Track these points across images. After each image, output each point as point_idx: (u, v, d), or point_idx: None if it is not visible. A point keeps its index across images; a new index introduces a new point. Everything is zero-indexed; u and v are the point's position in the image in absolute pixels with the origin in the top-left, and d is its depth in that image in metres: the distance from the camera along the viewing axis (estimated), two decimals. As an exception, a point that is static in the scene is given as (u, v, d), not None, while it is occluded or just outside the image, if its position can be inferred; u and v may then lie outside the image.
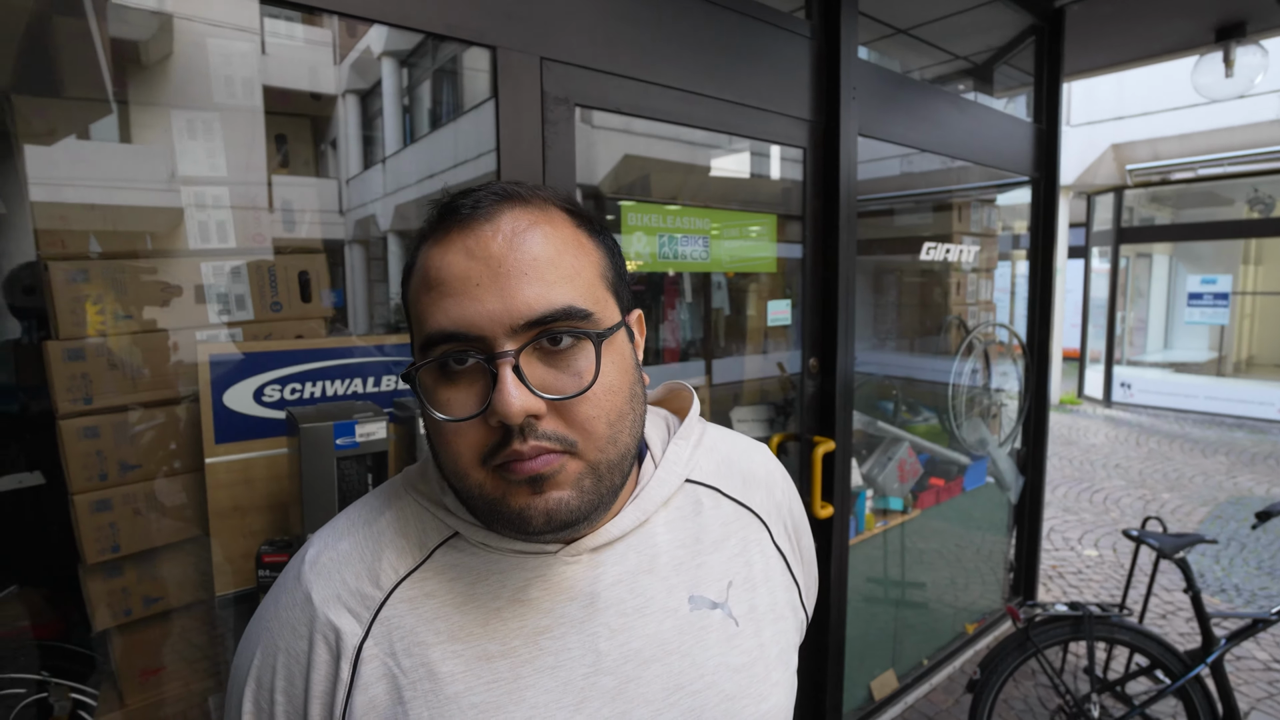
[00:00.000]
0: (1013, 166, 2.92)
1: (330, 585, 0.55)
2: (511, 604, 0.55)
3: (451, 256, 0.49)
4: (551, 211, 0.53)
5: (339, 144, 9.87)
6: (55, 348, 1.40)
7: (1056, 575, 3.85)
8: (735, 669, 0.59)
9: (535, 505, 0.49)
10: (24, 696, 1.72)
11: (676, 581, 0.59)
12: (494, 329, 0.48)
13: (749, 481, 0.67)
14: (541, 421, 0.49)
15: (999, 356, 3.32)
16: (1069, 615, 2.02)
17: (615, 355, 0.53)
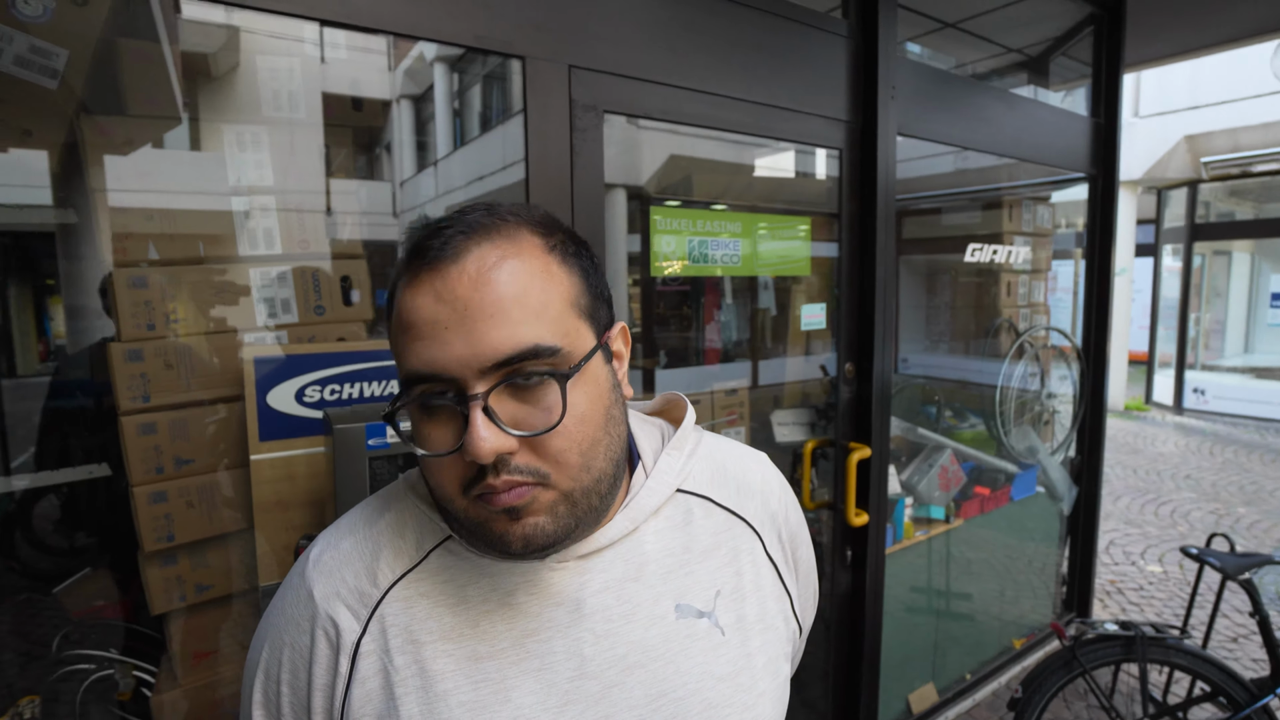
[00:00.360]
0: (1067, 163, 2.80)
1: (331, 583, 0.58)
2: (500, 607, 0.57)
3: (420, 299, 0.50)
4: (521, 241, 0.53)
5: (393, 148, 10.20)
6: (118, 348, 1.50)
7: (1115, 591, 3.68)
8: (720, 678, 0.59)
9: (513, 531, 0.52)
10: (92, 672, 1.84)
11: (664, 590, 0.60)
12: (463, 371, 0.49)
13: (743, 490, 0.68)
14: (515, 456, 0.50)
15: (1053, 360, 3.19)
16: (1120, 635, 1.93)
17: (587, 385, 0.53)
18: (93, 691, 1.83)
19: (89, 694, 1.79)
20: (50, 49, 1.49)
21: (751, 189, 3.94)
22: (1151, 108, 8.26)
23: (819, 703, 2.22)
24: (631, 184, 5.02)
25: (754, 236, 1.93)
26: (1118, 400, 8.68)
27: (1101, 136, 2.93)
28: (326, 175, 3.05)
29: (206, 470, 1.58)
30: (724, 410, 3.08)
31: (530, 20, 1.37)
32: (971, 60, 3.62)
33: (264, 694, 0.59)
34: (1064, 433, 3.10)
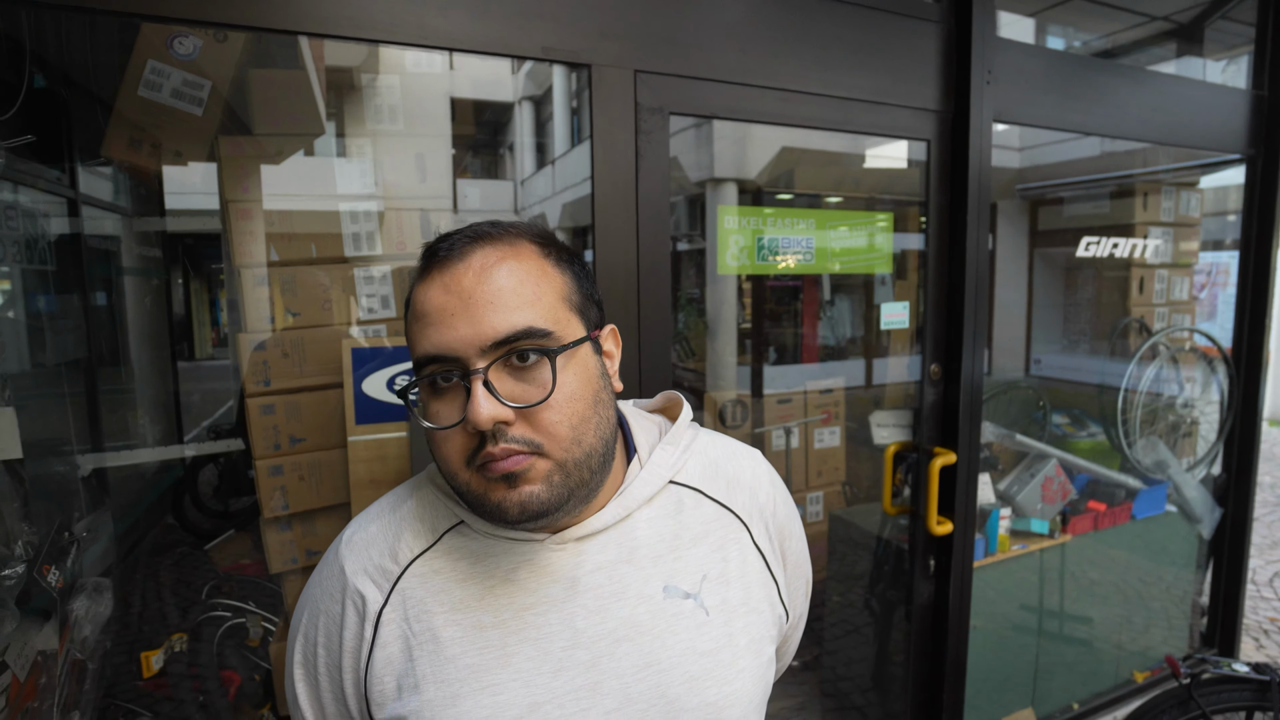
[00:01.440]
0: (1215, 144, 2.48)
1: (359, 560, 0.67)
2: (503, 583, 0.64)
3: (432, 292, 0.59)
4: (520, 246, 0.61)
5: (515, 147, 10.63)
6: (244, 339, 1.72)
7: (1276, 630, 3.22)
8: (702, 653, 0.64)
9: (510, 498, 0.58)
10: (228, 619, 2.13)
11: (653, 572, 0.65)
12: (467, 350, 0.56)
13: (733, 485, 0.73)
14: (511, 428, 0.57)
15: (1197, 364, 2.84)
16: (1251, 679, 1.71)
17: (577, 367, 0.60)
18: (229, 636, 2.12)
19: (225, 638, 2.08)
20: (198, 81, 1.73)
21: (867, 179, 3.80)
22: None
23: (901, 716, 2.14)
24: (743, 177, 4.99)
25: (829, 232, 1.88)
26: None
27: (1264, 111, 2.56)
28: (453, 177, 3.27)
29: (315, 448, 1.78)
30: (817, 409, 3.02)
31: (596, 29, 1.42)
32: (1111, 33, 3.28)
33: (303, 655, 0.69)
34: (1206, 447, 2.76)
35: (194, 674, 2.03)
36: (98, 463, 2.12)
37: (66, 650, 1.36)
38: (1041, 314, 3.69)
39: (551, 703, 0.60)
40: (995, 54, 1.86)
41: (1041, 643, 2.40)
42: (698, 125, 4.93)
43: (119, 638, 2.25)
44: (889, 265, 2.00)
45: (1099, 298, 3.28)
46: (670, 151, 1.56)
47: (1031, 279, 3.85)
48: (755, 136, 4.62)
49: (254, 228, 1.75)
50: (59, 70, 2.14)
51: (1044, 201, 3.81)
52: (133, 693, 1.98)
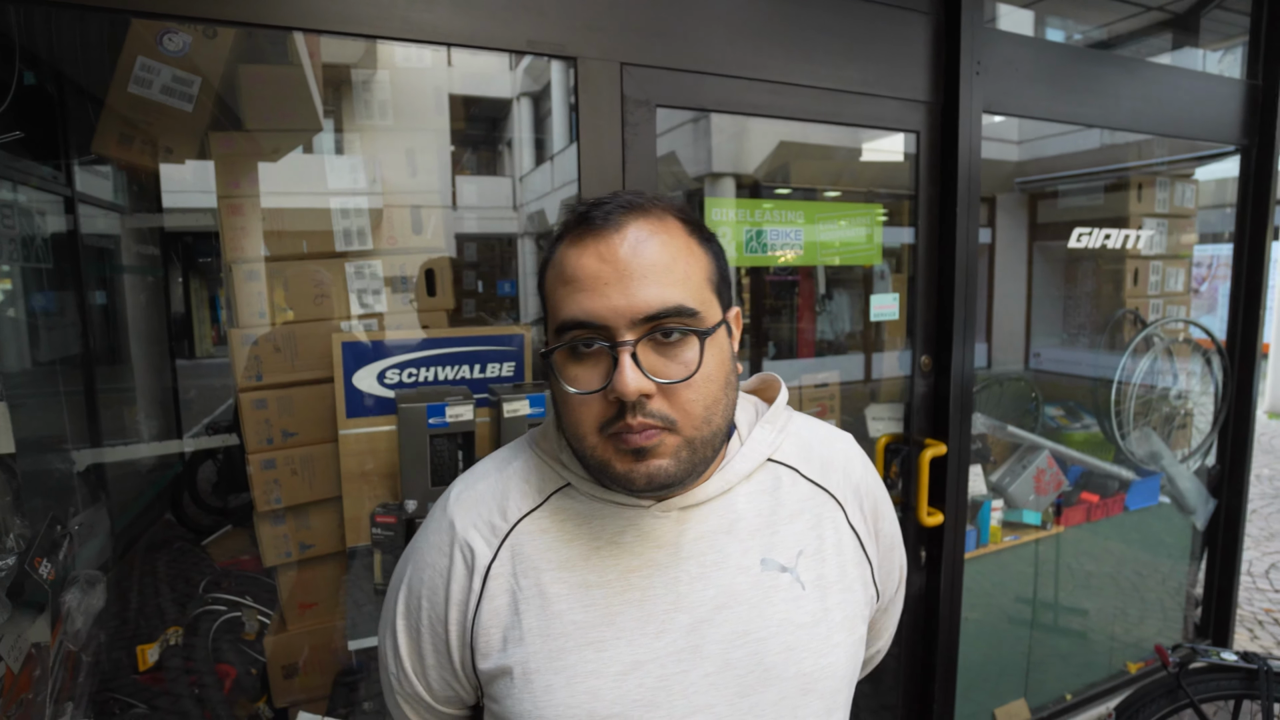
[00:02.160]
0: (1208, 134, 2.47)
1: (469, 516, 0.69)
2: (609, 545, 0.66)
3: (586, 259, 0.59)
4: (669, 221, 0.62)
5: (513, 144, 10.57)
6: (235, 334, 1.73)
7: (1271, 621, 3.23)
8: (799, 625, 0.66)
9: (638, 470, 0.60)
10: (224, 613, 2.14)
11: (752, 545, 0.67)
12: (617, 321, 0.58)
13: (827, 465, 0.74)
14: (650, 401, 0.59)
15: (1191, 356, 2.84)
16: (1240, 667, 1.71)
17: (715, 349, 0.62)
18: (225, 630, 2.13)
19: (220, 631, 2.09)
20: (188, 77, 1.74)
21: (865, 173, 3.79)
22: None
23: (896, 705, 2.15)
24: (741, 172, 4.98)
25: (817, 225, 1.88)
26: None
27: (1258, 101, 2.55)
28: (452, 174, 3.27)
29: (307, 442, 1.79)
30: (812, 403, 3.02)
31: (582, 21, 1.43)
32: (1109, 23, 3.27)
33: (405, 607, 0.70)
34: (1201, 438, 2.76)
35: (190, 668, 2.04)
36: (94, 458, 2.13)
37: (59, 642, 1.38)
38: (1041, 307, 3.68)
39: (653, 662, 0.63)
40: (984, 45, 1.86)
41: (1034, 634, 2.41)
42: (695, 120, 4.92)
43: (117, 632, 2.26)
44: (879, 258, 2.00)
45: (1098, 290, 3.27)
46: (669, 146, 1.56)
47: (1031, 272, 3.84)
48: (753, 131, 4.61)
49: (245, 223, 1.76)
50: (50, 67, 2.15)
51: (1043, 195, 3.80)
52: (129, 686, 1.99)
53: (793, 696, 0.65)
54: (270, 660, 1.87)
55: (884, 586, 0.79)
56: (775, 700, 0.64)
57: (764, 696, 0.64)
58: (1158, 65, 2.32)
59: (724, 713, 0.63)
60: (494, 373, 1.77)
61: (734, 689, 0.63)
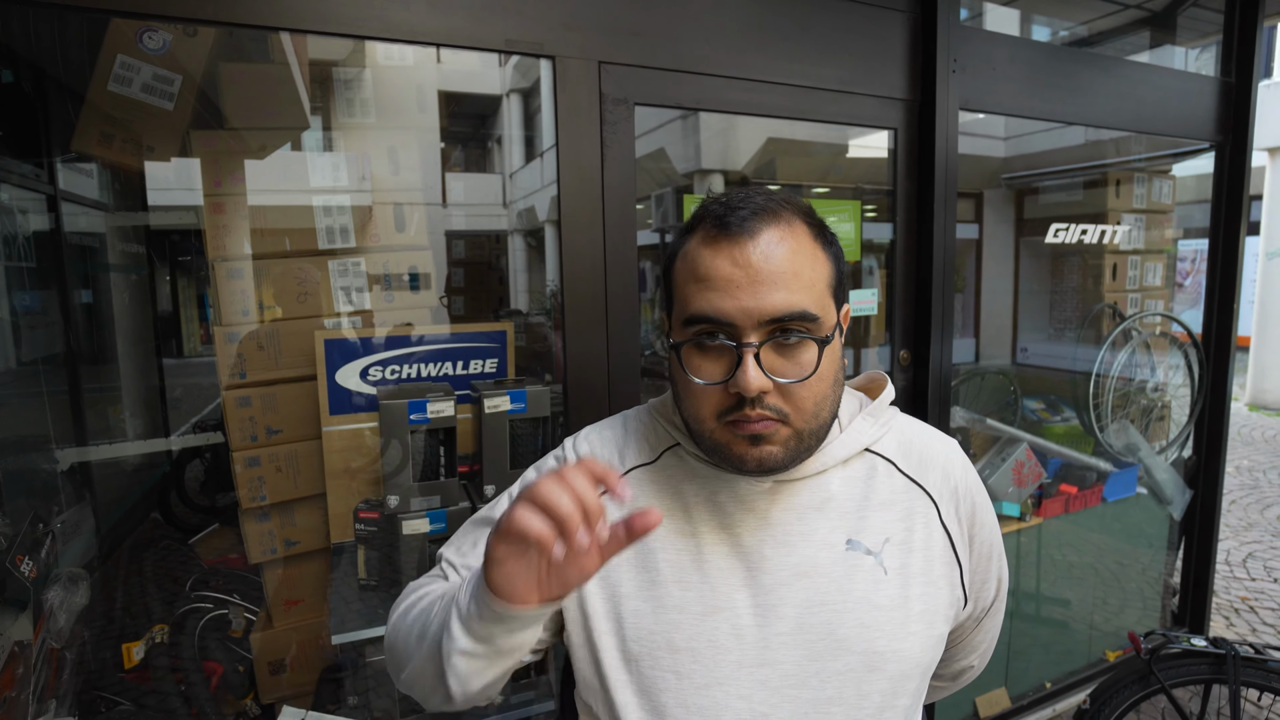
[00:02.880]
0: (1184, 131, 2.51)
1: (591, 449, 0.79)
2: (706, 502, 0.72)
3: (720, 261, 0.63)
4: (797, 226, 0.66)
5: (503, 140, 10.52)
6: (219, 331, 1.74)
7: (1246, 609, 3.28)
8: (877, 606, 0.69)
9: (752, 454, 0.65)
10: (210, 611, 2.15)
11: (840, 524, 0.71)
12: (745, 321, 0.62)
13: (925, 463, 0.77)
14: (767, 397, 0.63)
15: (1169, 350, 2.89)
16: (1209, 652, 1.75)
17: (830, 351, 0.66)
18: (212, 628, 2.14)
19: (207, 629, 2.09)
20: (169, 75, 1.74)
21: (852, 169, 3.81)
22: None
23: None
24: (730, 168, 4.99)
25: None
26: (1277, 396, 7.60)
27: (1232, 98, 2.59)
28: (442, 171, 3.26)
29: (292, 439, 1.80)
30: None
31: (559, 20, 1.44)
32: (1089, 20, 3.31)
33: (509, 495, 0.78)
34: (1178, 430, 2.80)
35: (176, 665, 2.05)
36: (78, 457, 2.13)
37: (42, 640, 1.38)
38: (1028, 302, 3.72)
39: (732, 611, 0.68)
40: (961, 43, 1.88)
41: (1015, 623, 2.45)
42: (684, 117, 4.93)
43: (103, 631, 2.26)
44: (858, 254, 2.02)
45: (1083, 285, 3.32)
46: (658, 143, 1.57)
47: (1018, 267, 3.88)
48: (741, 128, 4.63)
49: (227, 221, 1.76)
50: (29, 64, 2.14)
51: (1029, 190, 3.84)
52: (115, 684, 2.00)
53: (859, 670, 0.68)
54: (257, 657, 1.88)
55: (975, 594, 0.79)
56: (841, 670, 0.68)
57: (831, 664, 0.68)
58: (1133, 63, 2.35)
59: (790, 671, 0.67)
60: (477, 369, 1.79)
61: (804, 652, 0.68)
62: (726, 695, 0.67)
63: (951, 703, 2.29)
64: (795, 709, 0.67)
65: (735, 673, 0.67)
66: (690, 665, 0.67)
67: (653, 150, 4.85)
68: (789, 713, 0.67)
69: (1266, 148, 7.67)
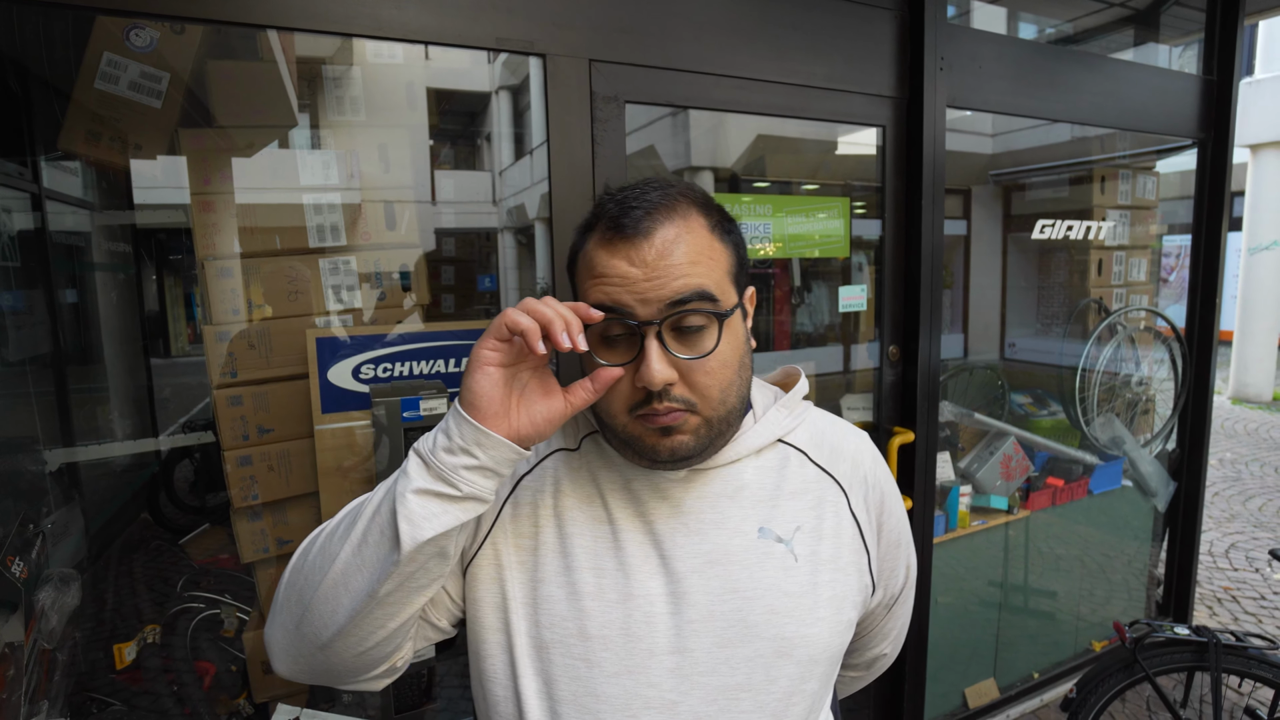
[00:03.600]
0: (1167, 128, 2.55)
1: None
2: (623, 490, 0.74)
3: (616, 262, 0.65)
4: (693, 219, 0.67)
5: (492, 138, 10.46)
6: (209, 331, 1.73)
7: (1229, 599, 3.34)
8: (786, 593, 0.71)
9: (664, 444, 0.67)
10: (202, 611, 2.14)
11: (752, 513, 0.73)
12: (644, 310, 0.64)
13: (836, 454, 0.79)
14: (673, 388, 0.65)
15: (1154, 344, 2.93)
16: (1190, 640, 1.78)
17: (731, 334, 0.68)
18: (204, 628, 2.13)
19: (199, 629, 2.09)
20: (156, 73, 1.73)
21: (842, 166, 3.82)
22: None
23: (868, 688, 2.20)
24: (719, 165, 5.00)
25: (787, 217, 1.92)
26: (1263, 389, 7.71)
27: (1213, 96, 2.63)
28: (431, 168, 3.22)
29: (284, 438, 1.79)
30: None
31: (550, 18, 1.44)
32: (1075, 18, 3.34)
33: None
34: (1162, 423, 2.85)
35: (168, 666, 2.04)
36: (66, 458, 2.12)
37: (33, 641, 1.38)
38: (1016, 297, 3.75)
39: (645, 597, 0.69)
40: (948, 41, 1.90)
41: (1003, 615, 2.48)
42: (674, 114, 4.93)
43: (94, 632, 2.25)
44: (847, 250, 2.04)
45: (1069, 281, 3.35)
46: (647, 140, 1.57)
47: (1005, 263, 3.92)
48: (731, 124, 4.63)
49: (217, 220, 1.75)
50: (12, 61, 2.12)
51: (1016, 187, 3.87)
52: (107, 685, 1.99)
53: (768, 656, 0.69)
54: (250, 656, 1.88)
55: (884, 581, 0.82)
56: (750, 656, 0.69)
57: (741, 651, 0.69)
58: (1117, 60, 2.38)
59: (701, 658, 0.68)
60: (470, 367, 1.79)
61: (714, 639, 0.69)
62: (636, 683, 0.68)
63: (941, 694, 2.32)
64: (705, 695, 0.68)
65: (646, 661, 0.68)
66: (601, 653, 0.68)
67: (643, 148, 4.86)
68: (699, 699, 0.68)
69: (1248, 144, 7.77)
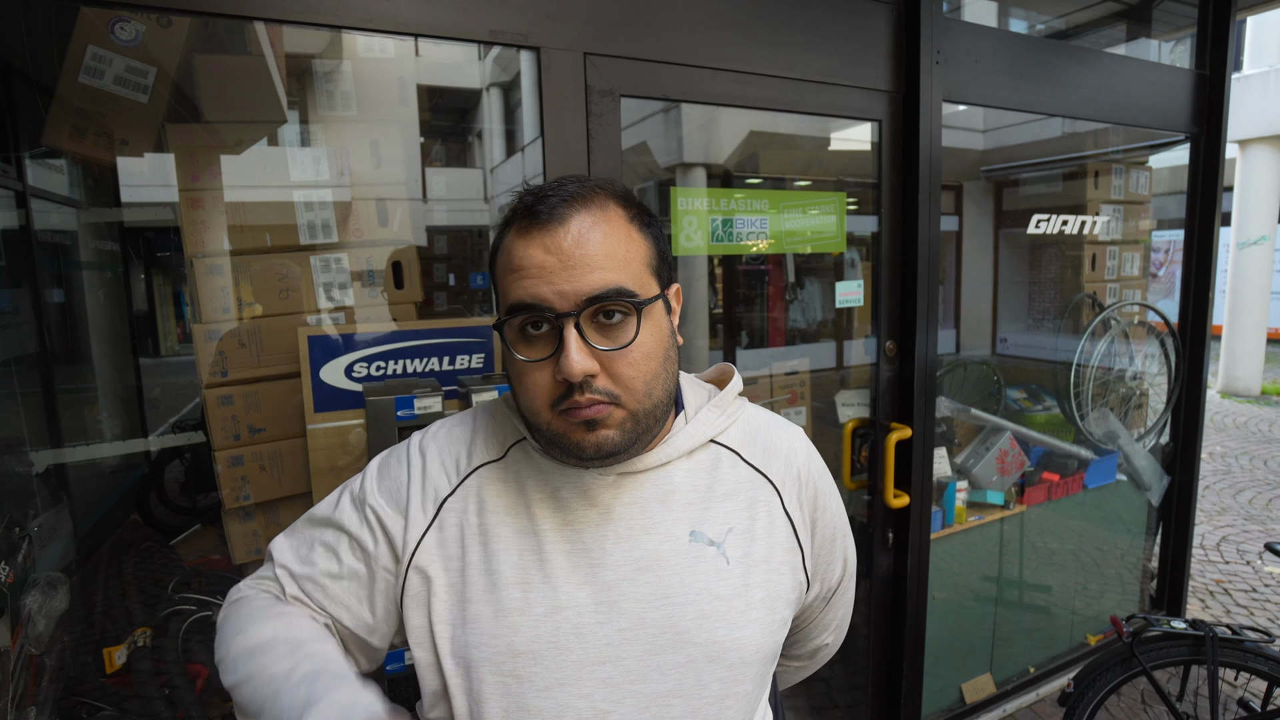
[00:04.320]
0: (1160, 123, 2.55)
1: (439, 449, 0.76)
2: (550, 499, 0.72)
3: (532, 250, 0.63)
4: (609, 210, 0.66)
5: (484, 135, 10.49)
6: (199, 329, 1.71)
7: (1221, 591, 3.36)
8: (717, 596, 0.70)
9: (588, 439, 0.65)
10: (193, 613, 2.12)
11: (683, 516, 0.72)
12: (562, 304, 0.62)
13: (770, 453, 0.78)
14: (595, 380, 0.64)
15: (1147, 339, 2.94)
16: (1187, 634, 1.79)
17: (652, 326, 0.67)
18: (196, 630, 2.11)
19: (191, 631, 2.06)
20: (142, 68, 1.70)
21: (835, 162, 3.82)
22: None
23: (866, 684, 2.20)
24: (712, 162, 4.99)
25: (782, 213, 1.91)
26: (1252, 383, 7.78)
27: (1207, 90, 2.64)
28: (422, 166, 3.20)
29: (276, 438, 1.77)
30: (783, 391, 3.06)
31: (544, 11, 1.42)
32: (1064, 13, 3.34)
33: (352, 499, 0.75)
34: (1156, 417, 2.86)
35: (160, 669, 2.01)
36: (53, 459, 2.08)
37: (20, 645, 1.35)
38: (1007, 293, 3.76)
39: (573, 609, 0.68)
40: (944, 35, 1.89)
41: (999, 610, 2.49)
42: (666, 110, 4.91)
43: (83, 636, 2.22)
44: (843, 245, 2.03)
45: (1061, 276, 3.36)
46: (640, 136, 1.56)
47: (997, 259, 3.93)
48: (724, 121, 4.62)
49: (205, 217, 1.72)
50: (-4, 57, 2.08)
51: (1008, 182, 3.88)
52: (97, 690, 1.96)
53: (699, 661, 0.68)
54: (242, 658, 1.85)
55: (820, 576, 0.82)
56: (681, 662, 0.68)
57: (671, 657, 0.68)
58: (1112, 55, 2.38)
59: (633, 666, 0.68)
60: (463, 365, 1.77)
61: (645, 646, 0.68)
62: (568, 695, 0.67)
63: (938, 689, 2.32)
64: (637, 704, 0.67)
65: (577, 672, 0.67)
66: (531, 668, 0.67)
67: (635, 144, 4.84)
68: (631, 708, 0.67)
69: (1237, 139, 7.83)
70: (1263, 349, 7.87)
